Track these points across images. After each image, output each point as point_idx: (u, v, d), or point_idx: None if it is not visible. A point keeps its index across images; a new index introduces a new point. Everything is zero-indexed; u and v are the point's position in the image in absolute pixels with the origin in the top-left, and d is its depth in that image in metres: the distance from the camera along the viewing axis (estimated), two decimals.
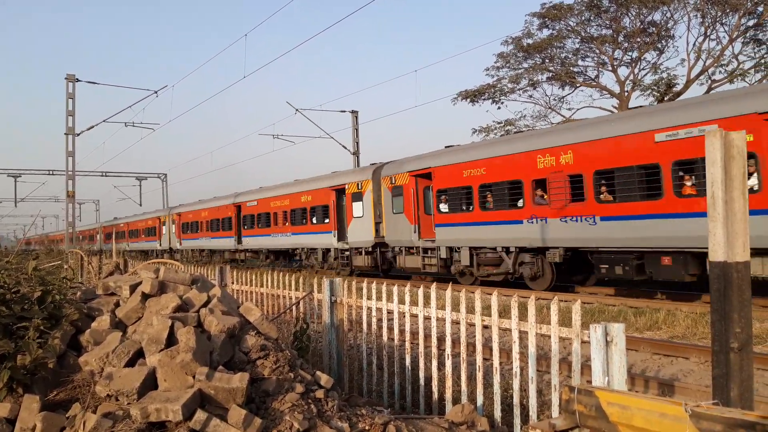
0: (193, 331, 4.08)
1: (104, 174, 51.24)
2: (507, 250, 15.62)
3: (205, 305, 4.64)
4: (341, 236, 22.97)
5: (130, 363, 4.19)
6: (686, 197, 11.70)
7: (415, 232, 18.75)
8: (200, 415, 3.63)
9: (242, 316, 4.72)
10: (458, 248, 17.22)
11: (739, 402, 3.60)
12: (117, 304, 4.99)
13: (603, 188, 13.21)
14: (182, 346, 3.99)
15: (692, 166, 11.57)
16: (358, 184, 21.83)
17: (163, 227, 41.39)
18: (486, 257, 16.26)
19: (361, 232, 21.62)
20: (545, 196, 14.39)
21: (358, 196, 21.74)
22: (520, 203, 15.08)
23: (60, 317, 4.73)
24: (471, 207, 16.55)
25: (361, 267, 21.94)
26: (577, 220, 13.60)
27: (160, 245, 42.08)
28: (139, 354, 4.24)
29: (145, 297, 4.79)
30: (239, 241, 31.33)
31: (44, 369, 4.31)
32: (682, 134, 11.50)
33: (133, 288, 4.95)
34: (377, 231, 20.75)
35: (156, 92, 27.24)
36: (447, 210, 17.48)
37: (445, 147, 18.99)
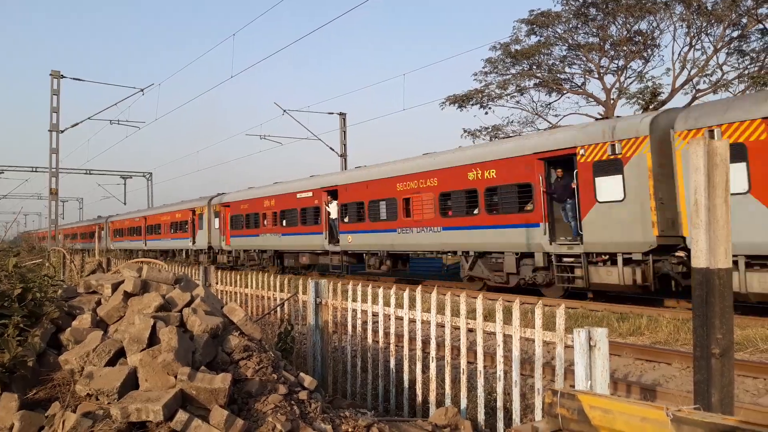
0: (176, 330, 4.04)
1: (88, 172, 50.80)
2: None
3: (188, 305, 4.60)
4: None
5: (111, 362, 4.13)
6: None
7: None
8: (181, 415, 3.60)
9: (226, 316, 4.69)
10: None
11: (719, 407, 3.63)
12: (98, 303, 4.93)
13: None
14: (164, 346, 3.95)
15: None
16: (613, 146, 12.87)
17: (201, 221, 32.94)
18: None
19: None
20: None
21: (612, 166, 12.99)
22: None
23: (40, 315, 4.66)
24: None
25: None
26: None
27: (194, 243, 33.55)
28: (121, 353, 4.19)
29: (127, 296, 4.74)
30: (333, 240, 22.43)
31: (23, 367, 4.25)
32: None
33: (115, 287, 4.90)
34: None
35: (142, 90, 27.07)
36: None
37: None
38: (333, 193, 22.21)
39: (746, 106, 11.15)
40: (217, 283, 9.59)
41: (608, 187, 13.03)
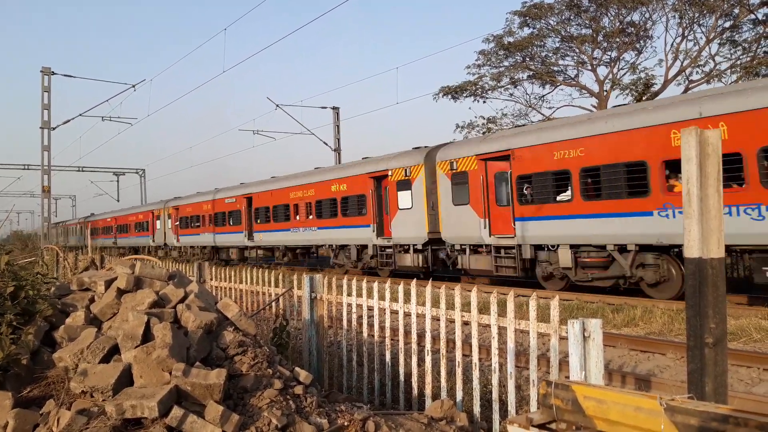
0: (170, 326, 4.03)
1: (81, 169, 50.54)
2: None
3: (182, 301, 4.58)
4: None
5: (105, 359, 4.12)
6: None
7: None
8: (177, 411, 3.59)
9: (220, 312, 4.68)
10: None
11: (713, 396, 3.66)
12: (92, 300, 4.91)
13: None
14: (158, 342, 3.94)
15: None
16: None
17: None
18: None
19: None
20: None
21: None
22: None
23: (34, 313, 4.65)
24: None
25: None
26: None
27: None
28: (115, 350, 4.18)
29: (121, 293, 4.72)
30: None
31: (17, 365, 4.23)
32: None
33: (108, 283, 4.88)
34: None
35: (134, 86, 26.92)
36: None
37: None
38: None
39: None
40: (211, 279, 9.57)
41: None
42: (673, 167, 11.87)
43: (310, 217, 22.79)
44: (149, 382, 3.87)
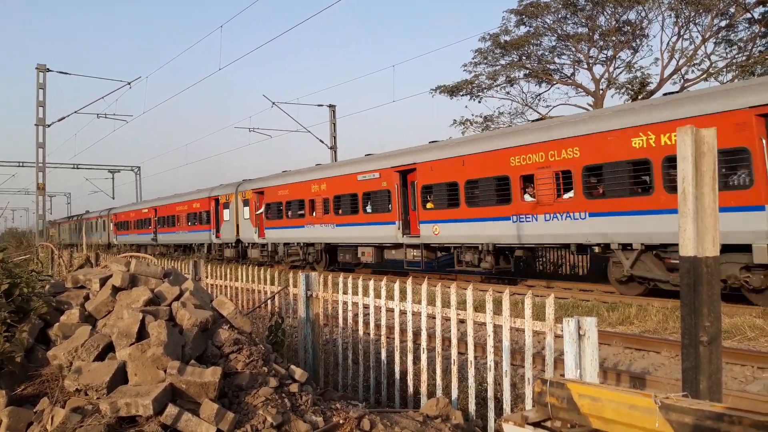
0: (165, 324, 4.02)
1: (76, 166, 50.37)
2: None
3: (177, 299, 4.57)
4: None
5: (100, 357, 4.11)
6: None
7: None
8: (171, 409, 3.58)
9: (215, 310, 4.67)
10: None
11: (707, 394, 3.66)
12: (87, 298, 4.90)
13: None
14: (153, 340, 3.93)
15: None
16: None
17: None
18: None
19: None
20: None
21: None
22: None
23: (28, 310, 4.63)
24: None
25: None
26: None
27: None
28: (109, 348, 4.16)
29: (116, 290, 4.71)
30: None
31: (11, 363, 4.22)
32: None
33: (103, 281, 4.87)
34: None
35: (129, 83, 26.83)
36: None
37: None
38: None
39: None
40: (207, 277, 9.55)
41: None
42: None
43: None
44: (144, 380, 3.86)
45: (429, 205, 17.38)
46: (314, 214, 22.44)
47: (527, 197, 14.69)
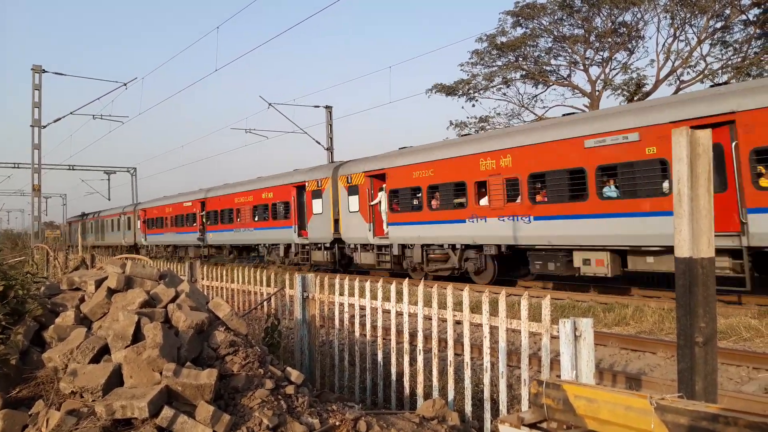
0: (161, 326, 4.01)
1: (71, 167, 50.13)
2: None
3: (173, 301, 4.56)
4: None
5: (95, 359, 4.10)
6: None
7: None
8: (167, 411, 3.57)
9: (211, 311, 4.66)
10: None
11: (703, 395, 3.67)
12: (82, 300, 4.88)
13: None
14: (149, 342, 3.92)
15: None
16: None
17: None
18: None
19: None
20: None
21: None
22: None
23: (23, 313, 4.61)
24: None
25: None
26: None
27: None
28: (105, 350, 4.15)
29: (111, 292, 4.69)
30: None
31: (6, 365, 4.20)
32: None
33: (98, 283, 4.85)
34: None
35: (125, 84, 26.74)
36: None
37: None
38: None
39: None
40: (203, 279, 9.53)
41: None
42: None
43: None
44: (139, 383, 3.85)
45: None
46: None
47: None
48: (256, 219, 25.72)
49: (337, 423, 4.10)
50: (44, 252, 16.98)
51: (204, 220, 29.89)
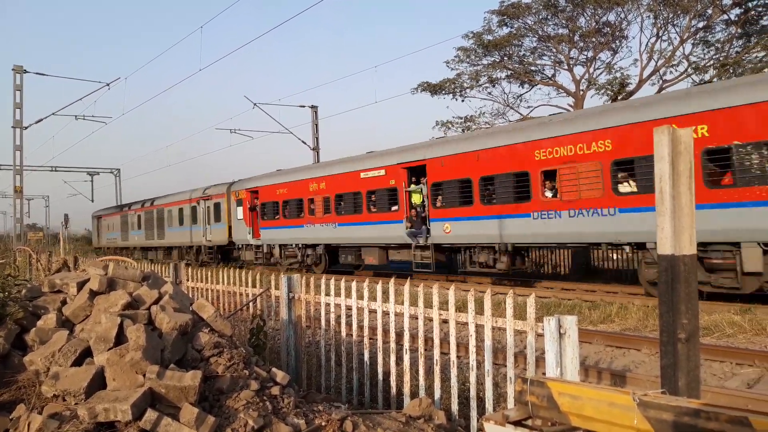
0: (143, 328, 3.97)
1: (54, 169, 49.56)
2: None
3: (156, 302, 4.52)
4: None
5: (78, 362, 4.05)
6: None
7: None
8: (151, 414, 3.54)
9: (195, 313, 4.62)
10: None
11: (686, 391, 3.70)
12: (64, 302, 4.82)
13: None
14: (132, 345, 3.88)
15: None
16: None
17: None
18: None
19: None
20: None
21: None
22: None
23: (4, 316, 4.55)
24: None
25: None
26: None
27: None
28: (87, 353, 4.11)
29: (93, 294, 4.64)
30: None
31: None
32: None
33: (80, 285, 4.79)
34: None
35: (108, 84, 26.50)
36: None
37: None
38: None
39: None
40: (188, 280, 9.46)
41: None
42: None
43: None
44: (123, 385, 3.81)
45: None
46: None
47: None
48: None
49: (323, 423, 4.09)
50: (26, 255, 16.77)
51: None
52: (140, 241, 36.88)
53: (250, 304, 7.79)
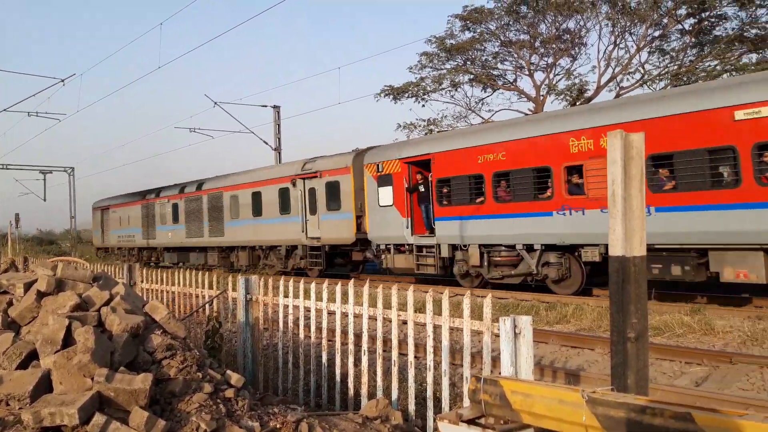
0: (93, 330, 3.86)
1: (5, 167, 47.86)
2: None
3: (106, 304, 4.40)
4: None
5: (23, 365, 3.91)
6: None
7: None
8: (99, 418, 3.44)
9: (148, 315, 4.52)
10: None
11: (635, 389, 3.79)
12: (10, 303, 4.65)
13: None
14: (80, 347, 3.77)
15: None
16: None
17: None
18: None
19: None
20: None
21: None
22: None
23: None
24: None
25: None
26: None
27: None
28: (33, 356, 3.97)
29: (41, 295, 4.49)
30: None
31: None
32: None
33: (27, 286, 4.63)
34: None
35: (63, 81, 25.74)
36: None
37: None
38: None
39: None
40: (142, 282, 9.26)
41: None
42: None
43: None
44: (70, 389, 3.70)
45: None
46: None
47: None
48: None
49: (278, 426, 4.05)
50: None
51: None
52: (178, 239, 27.18)
53: (207, 306, 7.67)
